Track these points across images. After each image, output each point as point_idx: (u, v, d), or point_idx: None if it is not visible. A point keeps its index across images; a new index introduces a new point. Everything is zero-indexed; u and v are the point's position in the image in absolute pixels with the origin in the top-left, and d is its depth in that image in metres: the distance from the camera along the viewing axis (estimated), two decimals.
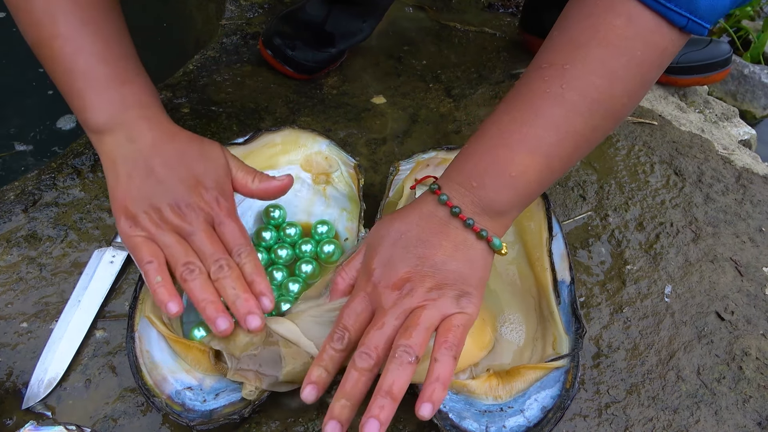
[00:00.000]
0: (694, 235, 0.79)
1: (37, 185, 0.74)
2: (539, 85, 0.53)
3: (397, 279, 0.53)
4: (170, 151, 0.60)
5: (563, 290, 0.64)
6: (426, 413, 0.47)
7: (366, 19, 0.96)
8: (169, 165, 0.59)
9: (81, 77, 0.59)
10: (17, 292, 0.65)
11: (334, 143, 0.76)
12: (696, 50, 0.97)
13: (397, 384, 0.48)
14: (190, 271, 0.56)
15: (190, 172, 0.60)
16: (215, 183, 0.60)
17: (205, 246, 0.58)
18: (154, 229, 0.58)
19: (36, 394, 0.58)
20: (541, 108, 0.52)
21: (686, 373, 0.65)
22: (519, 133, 0.53)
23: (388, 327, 0.52)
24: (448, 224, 0.54)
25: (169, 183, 0.58)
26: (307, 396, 0.51)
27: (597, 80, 0.51)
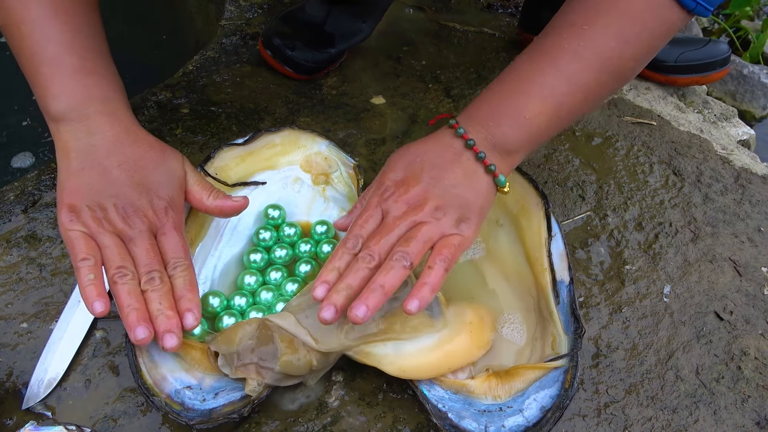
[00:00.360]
0: (693, 235, 0.79)
1: (36, 185, 0.74)
2: (558, 42, 0.58)
3: (408, 195, 0.57)
4: (128, 153, 0.59)
5: (562, 290, 0.64)
6: (413, 308, 0.52)
7: (365, 20, 0.96)
8: (124, 167, 0.58)
9: (47, 64, 0.58)
10: (17, 293, 0.65)
11: (333, 144, 0.76)
12: (695, 50, 0.97)
13: (389, 282, 0.53)
14: (122, 275, 0.55)
15: (145, 178, 0.59)
16: (167, 193, 0.60)
17: (142, 254, 0.57)
18: (95, 227, 0.57)
19: (36, 394, 0.58)
20: (559, 62, 0.58)
21: (685, 373, 0.65)
22: (536, 82, 0.59)
23: (393, 236, 0.56)
24: (461, 155, 0.59)
25: (120, 184, 0.58)
26: (319, 293, 0.54)
27: (612, 43, 0.57)
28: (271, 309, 0.64)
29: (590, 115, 0.93)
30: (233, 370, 0.56)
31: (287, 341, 0.56)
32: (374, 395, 0.61)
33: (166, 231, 0.59)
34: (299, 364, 0.55)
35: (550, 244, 0.67)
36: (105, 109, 0.60)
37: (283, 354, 0.55)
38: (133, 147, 0.60)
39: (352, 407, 0.60)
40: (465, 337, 0.60)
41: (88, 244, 0.56)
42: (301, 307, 0.59)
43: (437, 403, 0.57)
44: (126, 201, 0.58)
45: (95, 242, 0.57)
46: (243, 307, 0.64)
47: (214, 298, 0.63)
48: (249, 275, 0.66)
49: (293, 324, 0.57)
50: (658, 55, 0.97)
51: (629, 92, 0.98)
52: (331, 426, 0.58)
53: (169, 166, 0.61)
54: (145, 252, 0.57)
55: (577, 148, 0.88)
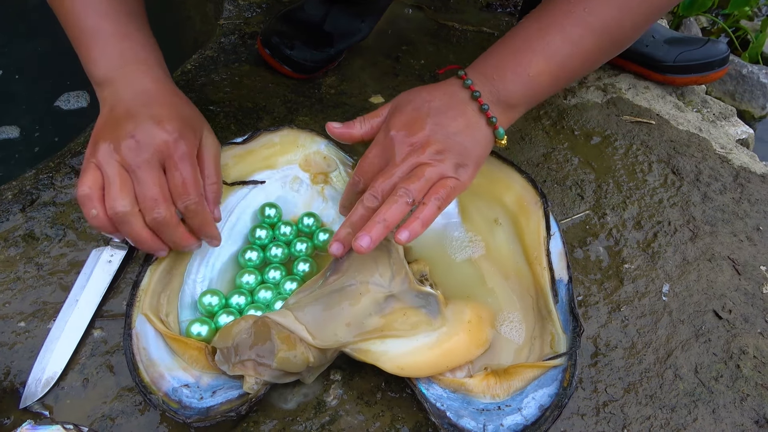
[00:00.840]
0: (691, 233, 0.79)
1: (34, 185, 0.74)
2: (565, 6, 0.61)
3: (413, 138, 0.60)
4: (154, 97, 0.62)
5: (561, 289, 0.64)
6: (403, 237, 0.55)
7: (364, 19, 0.96)
8: (149, 105, 0.60)
9: (86, 32, 0.62)
10: (15, 292, 0.65)
11: (332, 143, 0.76)
12: (693, 49, 0.97)
13: (391, 216, 0.56)
14: (115, 212, 0.57)
15: (163, 115, 0.60)
16: (182, 130, 0.60)
17: (145, 188, 0.58)
18: (104, 158, 0.58)
19: (33, 393, 0.58)
20: (564, 25, 0.60)
21: (684, 372, 0.65)
22: (542, 42, 0.61)
23: (395, 177, 0.58)
24: (466, 105, 0.62)
25: (139, 118, 0.59)
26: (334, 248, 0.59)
27: (614, 11, 0.60)
28: (269, 307, 0.64)
29: (589, 115, 0.93)
30: (231, 367, 0.56)
31: (285, 338, 0.56)
32: (372, 394, 0.61)
33: (176, 160, 0.59)
34: (296, 361, 0.55)
35: (548, 242, 0.67)
36: (139, 68, 0.63)
37: (280, 350, 0.55)
38: (160, 93, 0.63)
39: (351, 406, 0.60)
40: (463, 335, 0.60)
41: (93, 176, 0.58)
42: (299, 305, 0.59)
43: (436, 401, 0.57)
44: (139, 132, 0.58)
45: (101, 173, 0.58)
46: (242, 306, 0.64)
47: (212, 296, 0.63)
48: (247, 274, 0.66)
49: (291, 320, 0.57)
50: (656, 54, 0.98)
51: (628, 91, 0.98)
52: (329, 425, 0.58)
53: (191, 117, 0.63)
54: (149, 184, 0.58)
55: (576, 147, 0.88)
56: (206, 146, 0.64)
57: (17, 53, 1.15)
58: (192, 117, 0.64)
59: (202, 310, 0.63)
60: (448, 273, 0.69)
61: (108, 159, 0.58)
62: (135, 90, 0.62)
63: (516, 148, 0.87)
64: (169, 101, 0.63)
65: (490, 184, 0.73)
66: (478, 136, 0.61)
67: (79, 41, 0.63)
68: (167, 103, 0.62)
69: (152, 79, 0.63)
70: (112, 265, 0.67)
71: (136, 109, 0.60)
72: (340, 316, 0.57)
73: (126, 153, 0.58)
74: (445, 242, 0.71)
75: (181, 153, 0.59)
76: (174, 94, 0.65)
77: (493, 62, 0.63)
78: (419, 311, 0.60)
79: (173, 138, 0.59)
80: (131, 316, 0.59)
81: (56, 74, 1.11)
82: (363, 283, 0.58)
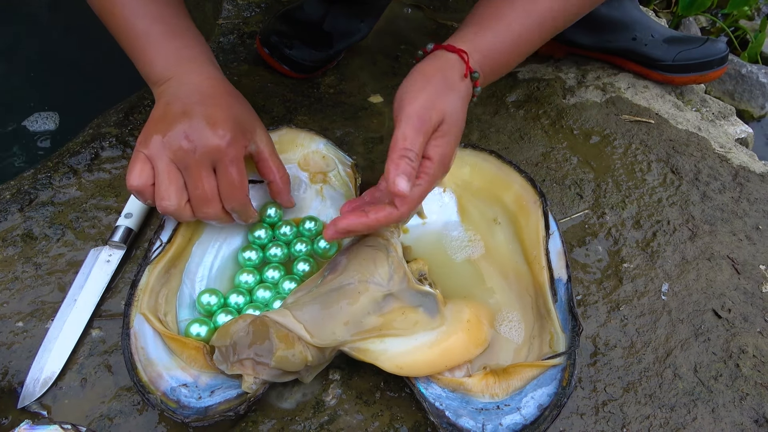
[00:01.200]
0: (690, 233, 0.79)
1: (33, 184, 0.74)
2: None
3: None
4: (208, 94, 0.63)
5: (560, 288, 0.64)
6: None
7: (364, 19, 0.96)
8: (203, 103, 0.61)
9: (140, 37, 0.64)
10: (13, 291, 0.65)
11: (331, 142, 0.76)
12: (692, 48, 0.97)
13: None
14: (163, 208, 0.60)
15: (217, 114, 0.61)
16: (234, 130, 0.61)
17: (194, 187, 0.60)
18: (156, 152, 0.59)
19: (32, 393, 0.58)
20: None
21: (683, 371, 0.65)
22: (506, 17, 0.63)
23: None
24: (467, 97, 0.61)
25: (193, 117, 0.60)
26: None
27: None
28: (268, 307, 0.64)
29: (588, 114, 0.93)
30: (229, 366, 0.56)
31: (283, 337, 0.56)
32: (371, 393, 0.60)
33: (227, 164, 0.60)
34: (295, 360, 0.55)
35: (547, 242, 0.66)
36: (193, 66, 0.65)
37: (278, 349, 0.55)
38: (215, 91, 0.64)
39: (350, 405, 0.59)
40: (462, 335, 0.60)
41: (143, 167, 0.59)
42: (297, 304, 0.59)
43: (434, 401, 0.57)
44: (195, 134, 0.59)
45: (151, 165, 0.59)
46: (240, 305, 0.64)
47: (211, 295, 0.63)
48: (246, 273, 0.66)
49: (289, 319, 0.57)
50: (655, 53, 0.98)
51: (627, 91, 0.98)
52: (328, 425, 0.58)
53: (244, 118, 0.64)
54: (199, 184, 0.59)
55: (575, 146, 0.88)
56: (263, 143, 0.65)
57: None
58: (245, 117, 0.64)
59: (200, 310, 0.63)
60: (447, 272, 0.69)
61: (160, 153, 0.59)
62: (190, 87, 0.63)
63: (515, 148, 0.87)
64: (224, 101, 0.63)
65: (490, 183, 0.73)
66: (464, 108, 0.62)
67: (133, 46, 0.64)
68: (222, 104, 0.62)
69: (207, 76, 0.64)
70: (110, 265, 0.67)
71: (191, 107, 0.60)
72: (338, 314, 0.57)
73: (178, 152, 0.59)
74: (445, 242, 0.71)
75: (231, 157, 0.60)
76: (228, 92, 0.65)
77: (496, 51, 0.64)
78: (418, 310, 0.60)
79: (225, 142, 0.59)
80: (129, 315, 0.59)
81: (24, 95, 1.10)
82: (361, 282, 0.58)
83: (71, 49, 1.22)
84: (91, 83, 1.14)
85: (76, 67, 1.18)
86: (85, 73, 1.16)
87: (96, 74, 1.15)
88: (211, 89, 0.63)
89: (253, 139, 0.64)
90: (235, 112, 0.63)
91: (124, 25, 0.64)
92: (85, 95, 1.11)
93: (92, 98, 1.09)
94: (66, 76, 1.16)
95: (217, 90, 0.64)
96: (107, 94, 0.96)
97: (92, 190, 0.75)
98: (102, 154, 0.78)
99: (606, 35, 0.98)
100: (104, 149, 0.79)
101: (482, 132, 0.89)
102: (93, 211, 0.72)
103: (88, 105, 1.01)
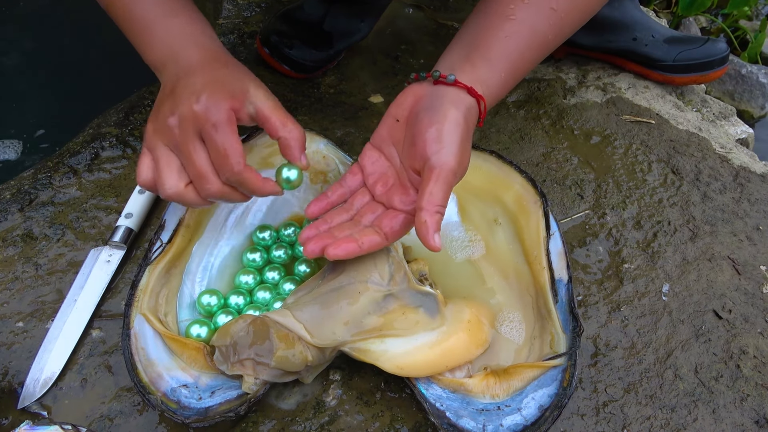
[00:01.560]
0: (691, 233, 0.79)
1: (33, 184, 0.74)
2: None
3: None
4: (208, 71, 0.59)
5: (561, 289, 0.64)
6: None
7: (364, 19, 0.96)
8: (188, 76, 0.58)
9: (139, 22, 0.62)
10: (13, 292, 0.65)
11: (331, 142, 0.76)
12: (693, 48, 0.97)
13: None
14: (166, 196, 0.57)
15: (210, 87, 0.57)
16: (214, 97, 0.56)
17: (189, 165, 0.56)
18: (151, 142, 0.58)
19: (32, 393, 0.58)
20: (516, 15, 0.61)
21: (684, 372, 0.65)
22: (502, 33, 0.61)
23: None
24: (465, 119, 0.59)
25: (178, 94, 0.57)
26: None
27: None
28: (268, 308, 0.64)
29: (589, 114, 0.93)
30: (229, 366, 0.55)
31: (283, 336, 0.55)
32: (372, 394, 0.60)
33: (209, 130, 0.55)
34: (295, 360, 0.55)
35: (548, 242, 0.66)
36: (187, 42, 0.62)
37: (278, 349, 0.55)
38: (203, 60, 0.60)
39: (350, 406, 0.59)
40: (463, 335, 0.60)
41: (146, 163, 0.58)
42: (297, 304, 0.58)
43: (435, 401, 0.57)
44: (180, 109, 0.56)
45: (152, 157, 0.58)
46: (240, 306, 0.64)
47: (211, 296, 0.63)
48: (246, 274, 0.66)
49: (289, 318, 0.57)
50: (656, 54, 0.98)
51: (628, 91, 0.98)
52: (328, 425, 0.58)
53: (227, 79, 0.59)
54: (192, 160, 0.56)
55: (575, 146, 0.88)
56: (260, 101, 0.58)
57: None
58: (230, 79, 0.59)
59: (200, 310, 0.63)
60: (447, 273, 0.69)
61: (155, 142, 0.57)
62: (182, 65, 0.60)
63: (516, 148, 0.87)
64: (208, 67, 0.59)
65: (490, 183, 0.73)
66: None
67: (133, 32, 0.63)
68: (204, 70, 0.59)
69: (197, 49, 0.61)
70: (110, 265, 0.67)
71: (178, 85, 0.58)
72: (338, 314, 0.57)
73: (168, 133, 0.56)
74: (445, 242, 0.71)
75: (212, 122, 0.55)
76: (214, 58, 0.61)
77: (495, 74, 0.62)
78: (418, 311, 0.60)
79: (201, 107, 0.55)
80: (130, 316, 0.59)
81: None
82: (361, 282, 0.58)
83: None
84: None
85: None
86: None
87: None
88: (198, 60, 0.60)
89: (247, 100, 0.57)
90: (217, 75, 0.58)
91: (124, 13, 0.63)
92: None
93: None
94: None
95: (204, 58, 0.60)
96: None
97: (92, 190, 0.74)
98: (102, 154, 0.78)
99: (606, 35, 0.98)
100: (104, 149, 0.79)
101: (482, 132, 0.89)
102: (93, 211, 0.72)
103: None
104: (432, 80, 0.59)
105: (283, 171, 0.60)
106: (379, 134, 0.61)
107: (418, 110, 0.58)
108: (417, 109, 0.58)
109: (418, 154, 0.56)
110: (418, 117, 0.57)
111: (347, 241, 0.55)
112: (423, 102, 0.58)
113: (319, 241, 0.55)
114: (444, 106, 0.57)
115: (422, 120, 0.57)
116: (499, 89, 0.61)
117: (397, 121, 0.60)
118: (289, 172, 0.60)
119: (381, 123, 0.61)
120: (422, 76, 0.60)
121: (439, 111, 0.57)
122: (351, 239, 0.55)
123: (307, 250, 0.55)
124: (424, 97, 0.59)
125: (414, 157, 0.57)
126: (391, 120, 0.60)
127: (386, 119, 0.61)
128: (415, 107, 0.59)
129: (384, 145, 0.61)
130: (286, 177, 0.60)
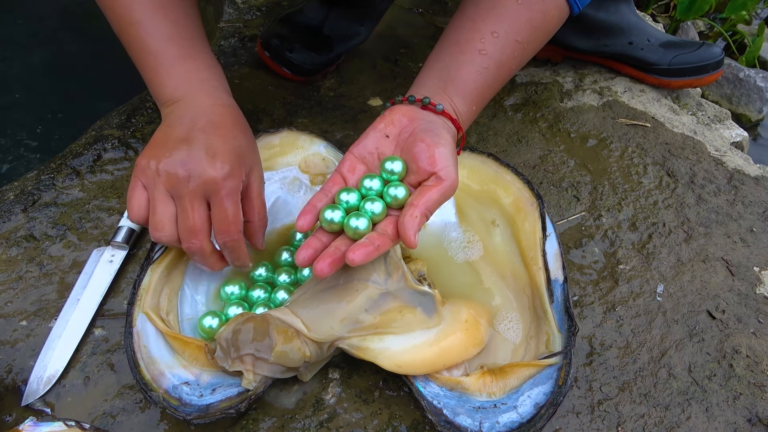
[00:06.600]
0: (686, 235, 0.80)
1: (36, 185, 0.75)
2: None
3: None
4: (213, 120, 0.61)
5: (556, 289, 0.65)
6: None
7: (363, 23, 0.97)
8: (206, 131, 0.60)
9: (152, 56, 0.63)
10: (17, 291, 0.66)
11: (331, 145, 0.77)
12: (688, 53, 0.98)
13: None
14: (156, 239, 0.59)
15: (218, 145, 0.59)
16: (233, 162, 0.59)
17: (185, 218, 0.58)
18: (151, 180, 0.58)
19: (35, 391, 0.59)
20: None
21: (678, 371, 0.66)
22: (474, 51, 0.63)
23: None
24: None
25: (193, 145, 0.58)
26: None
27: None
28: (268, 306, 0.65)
29: (585, 117, 0.94)
30: (230, 362, 0.56)
31: (282, 331, 0.56)
32: (370, 392, 0.61)
33: (222, 197, 0.58)
34: (293, 356, 0.56)
35: (544, 243, 0.67)
36: (203, 89, 0.64)
37: (277, 344, 0.56)
38: (221, 118, 0.62)
39: (349, 404, 0.60)
40: (461, 334, 0.61)
41: (139, 198, 0.59)
42: (297, 301, 0.59)
43: (432, 399, 0.58)
44: (193, 164, 0.58)
45: (147, 193, 0.59)
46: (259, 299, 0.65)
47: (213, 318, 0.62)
48: (231, 285, 0.65)
49: (288, 314, 0.58)
50: (651, 58, 0.99)
51: (624, 94, 0.99)
52: (327, 422, 0.59)
53: (245, 151, 0.62)
54: (190, 215, 0.58)
55: (572, 149, 0.89)
56: (254, 180, 0.62)
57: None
58: (246, 150, 0.62)
59: (201, 333, 0.62)
60: (445, 273, 0.69)
61: (155, 182, 0.58)
62: (196, 111, 0.62)
63: (513, 151, 0.88)
64: (229, 132, 0.61)
65: (488, 186, 0.74)
66: None
67: (145, 64, 0.64)
68: (226, 135, 0.60)
69: (215, 101, 0.63)
70: (113, 265, 0.68)
71: (193, 134, 0.59)
72: (335, 311, 0.58)
73: (173, 180, 0.57)
74: (444, 243, 0.72)
75: (227, 191, 0.58)
76: (235, 123, 0.63)
77: (470, 97, 0.64)
78: (415, 310, 0.60)
79: (222, 175, 0.58)
80: (132, 314, 0.60)
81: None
82: (360, 280, 0.59)
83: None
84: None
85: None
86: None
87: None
88: (218, 116, 0.62)
89: (247, 174, 0.61)
90: (237, 144, 0.61)
91: (138, 44, 0.63)
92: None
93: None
94: None
95: (224, 118, 0.62)
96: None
97: (95, 191, 0.75)
98: (104, 155, 0.79)
99: (603, 39, 0.99)
100: (107, 151, 0.80)
101: (480, 135, 0.90)
102: (95, 211, 0.73)
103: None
104: (420, 105, 0.61)
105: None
106: (364, 146, 0.62)
107: (415, 130, 0.60)
108: (413, 128, 0.60)
109: (420, 168, 0.58)
110: (418, 136, 0.59)
111: (363, 246, 0.55)
112: (418, 123, 0.60)
113: (327, 257, 0.55)
114: (439, 130, 0.60)
115: (424, 139, 0.59)
116: (467, 120, 0.65)
117: (387, 137, 0.61)
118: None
119: (367, 136, 0.62)
120: (411, 100, 0.62)
121: (439, 134, 0.59)
122: (366, 243, 0.55)
123: (316, 270, 0.54)
124: (417, 120, 0.61)
125: (411, 170, 0.59)
126: (380, 135, 0.61)
127: (375, 133, 0.62)
128: (408, 127, 0.60)
129: (369, 156, 0.61)
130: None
